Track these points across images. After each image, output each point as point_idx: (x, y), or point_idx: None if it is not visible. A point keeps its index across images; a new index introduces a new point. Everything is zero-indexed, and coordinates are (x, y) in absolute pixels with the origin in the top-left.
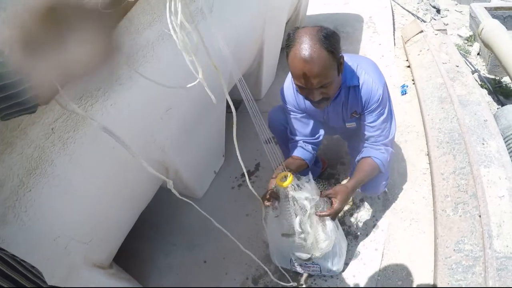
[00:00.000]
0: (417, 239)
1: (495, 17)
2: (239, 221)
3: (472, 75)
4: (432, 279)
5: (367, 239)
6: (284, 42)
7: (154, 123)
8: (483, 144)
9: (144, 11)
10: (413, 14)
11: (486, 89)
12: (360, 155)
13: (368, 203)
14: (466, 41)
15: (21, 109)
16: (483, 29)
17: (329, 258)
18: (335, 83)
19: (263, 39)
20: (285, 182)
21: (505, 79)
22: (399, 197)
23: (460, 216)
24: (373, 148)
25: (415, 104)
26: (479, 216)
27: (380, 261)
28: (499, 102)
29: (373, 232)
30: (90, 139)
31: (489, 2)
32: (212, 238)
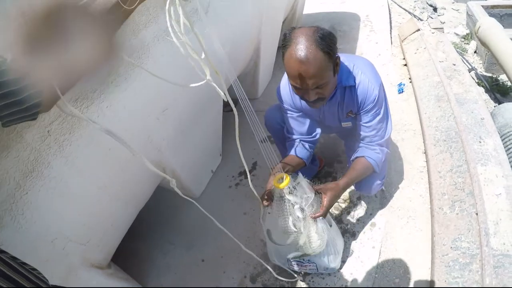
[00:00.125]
0: (414, 237)
1: (491, 15)
2: (237, 220)
3: (469, 73)
4: (429, 276)
5: (364, 237)
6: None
7: (150, 124)
8: (480, 142)
9: (139, 12)
10: (410, 12)
11: (483, 87)
12: (354, 154)
13: (365, 201)
14: (463, 39)
15: (22, 116)
16: (480, 27)
17: (325, 256)
18: (330, 84)
19: (260, 38)
20: (282, 183)
21: (502, 77)
22: (396, 195)
23: (457, 214)
24: (368, 148)
25: (412, 102)
26: (476, 214)
27: (377, 259)
28: (496, 100)
29: (370, 230)
30: (86, 141)
31: (485, 0)
32: (210, 237)
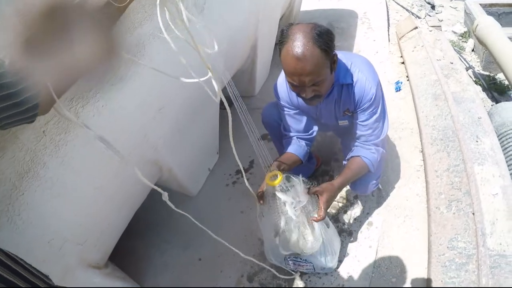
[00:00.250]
0: (411, 236)
1: (489, 14)
2: (234, 219)
3: (466, 71)
4: (425, 276)
5: (361, 236)
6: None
7: (146, 122)
8: (477, 141)
9: (134, 10)
10: (407, 10)
11: (480, 85)
12: (350, 154)
13: (362, 200)
14: (460, 38)
15: (20, 118)
16: (478, 25)
17: (322, 256)
18: (327, 81)
19: (257, 36)
20: (274, 181)
21: (499, 76)
22: (393, 194)
23: (453, 213)
24: (363, 147)
25: (409, 100)
26: (473, 213)
27: (374, 258)
28: (493, 98)
29: (367, 229)
30: (82, 141)
31: None
32: (207, 236)
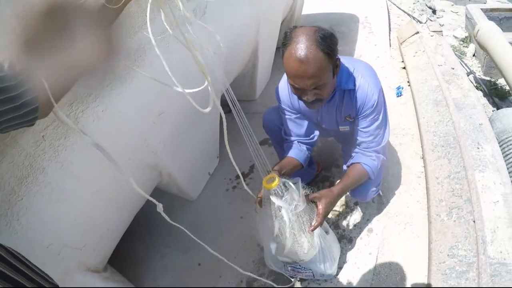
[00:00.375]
0: (411, 243)
1: (491, 19)
2: (233, 224)
3: (467, 77)
4: (425, 284)
5: (361, 243)
6: (279, 41)
7: (146, 127)
8: (478, 148)
9: (135, 14)
10: (409, 14)
11: (481, 91)
12: (350, 160)
13: (362, 207)
14: (461, 42)
15: (20, 121)
16: (479, 30)
17: (321, 263)
18: (329, 85)
19: (258, 40)
20: (270, 184)
21: (500, 81)
22: (394, 200)
23: (454, 221)
24: (364, 154)
25: (410, 106)
26: (473, 221)
27: (374, 265)
28: (494, 104)
29: (367, 236)
30: (81, 146)
31: (485, 3)
32: (206, 240)
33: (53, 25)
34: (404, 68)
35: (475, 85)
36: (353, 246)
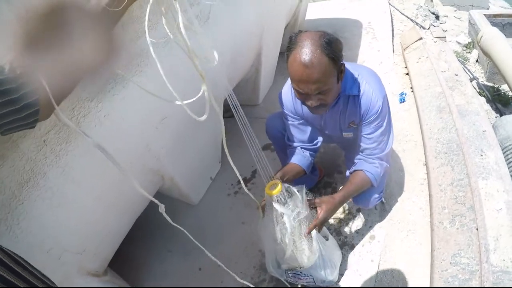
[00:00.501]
0: (414, 250)
1: (494, 24)
2: (235, 229)
3: (470, 83)
4: None
5: (363, 249)
6: (283, 46)
7: (149, 132)
8: (482, 155)
9: (138, 19)
10: (412, 20)
11: (484, 97)
12: (353, 167)
13: (364, 214)
14: (464, 48)
15: (21, 124)
16: (482, 36)
17: (322, 269)
18: (333, 91)
19: (261, 45)
20: (273, 191)
21: (503, 87)
22: (396, 207)
23: (457, 228)
24: (367, 161)
25: (413, 112)
26: (476, 229)
27: (376, 272)
28: (497, 110)
29: (369, 242)
30: (83, 151)
31: (488, 9)
32: (207, 245)
33: (54, 27)
34: (407, 74)
35: (478, 91)
36: (355, 253)
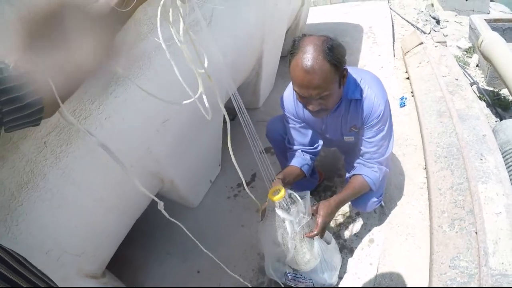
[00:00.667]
0: (413, 254)
1: (494, 29)
2: (234, 232)
3: (471, 87)
4: None
5: (362, 253)
6: (284, 50)
7: (149, 135)
8: (481, 159)
9: (140, 22)
10: (412, 24)
11: (484, 101)
12: (352, 171)
13: (364, 217)
14: (465, 53)
15: (25, 121)
16: (483, 41)
17: (322, 273)
18: (335, 96)
19: (262, 49)
20: (275, 196)
21: (503, 92)
22: (396, 211)
23: (456, 232)
24: (366, 165)
25: (413, 117)
26: (476, 233)
27: (374, 276)
28: (497, 114)
29: (368, 246)
30: (83, 153)
31: (488, 13)
32: (206, 248)
33: (56, 27)
34: (407, 78)
35: (479, 95)
36: (354, 256)
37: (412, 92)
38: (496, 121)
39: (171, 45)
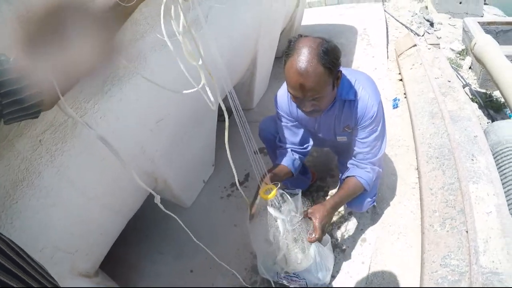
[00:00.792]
0: (404, 253)
1: (487, 32)
2: (227, 232)
3: (463, 89)
4: None
5: (354, 252)
6: (278, 51)
7: (144, 135)
8: (473, 160)
9: (137, 21)
10: (406, 27)
11: (476, 103)
12: (345, 173)
13: (356, 217)
14: (458, 55)
15: (24, 114)
16: (476, 44)
17: (316, 272)
18: (328, 97)
19: (257, 49)
20: (268, 195)
21: (495, 94)
22: (388, 211)
23: (447, 231)
24: (359, 167)
25: (406, 118)
26: (466, 231)
27: (367, 274)
28: (489, 116)
29: (360, 245)
30: (78, 151)
31: (482, 16)
32: (199, 247)
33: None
34: (401, 80)
35: (471, 97)
36: (346, 255)
37: (405, 93)
38: (488, 123)
39: (172, 42)
